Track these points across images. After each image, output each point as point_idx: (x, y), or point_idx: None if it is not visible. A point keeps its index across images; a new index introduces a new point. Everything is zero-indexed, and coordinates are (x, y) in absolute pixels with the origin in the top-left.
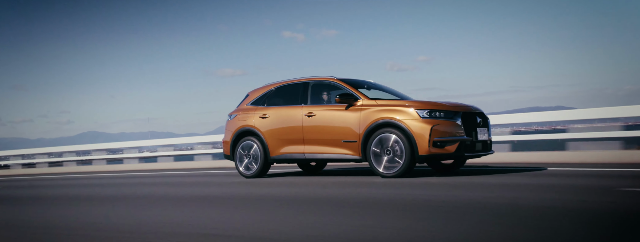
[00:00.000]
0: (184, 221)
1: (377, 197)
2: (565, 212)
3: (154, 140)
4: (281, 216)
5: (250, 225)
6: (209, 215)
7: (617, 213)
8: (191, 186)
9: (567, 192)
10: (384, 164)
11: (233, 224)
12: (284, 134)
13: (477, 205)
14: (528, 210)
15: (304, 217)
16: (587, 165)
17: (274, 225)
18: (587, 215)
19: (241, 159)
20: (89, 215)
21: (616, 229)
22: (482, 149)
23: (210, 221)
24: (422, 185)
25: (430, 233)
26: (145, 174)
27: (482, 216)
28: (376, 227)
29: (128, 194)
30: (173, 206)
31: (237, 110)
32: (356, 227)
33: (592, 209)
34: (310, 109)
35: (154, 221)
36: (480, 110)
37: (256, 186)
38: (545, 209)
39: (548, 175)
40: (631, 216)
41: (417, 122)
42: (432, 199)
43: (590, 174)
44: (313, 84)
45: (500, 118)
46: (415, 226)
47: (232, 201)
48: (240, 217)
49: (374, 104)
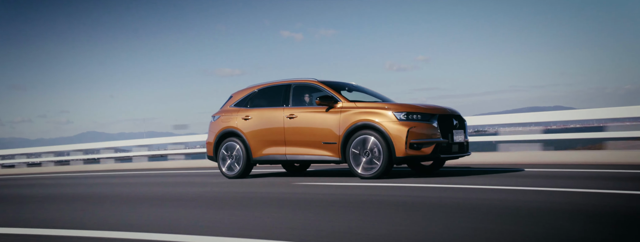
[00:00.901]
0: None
1: (356, 197)
2: (541, 210)
3: (162, 138)
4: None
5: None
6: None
7: (594, 212)
8: (186, 185)
9: (546, 191)
10: (363, 165)
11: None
12: (266, 135)
13: (450, 204)
14: (502, 208)
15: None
16: (562, 166)
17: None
18: (562, 214)
19: (224, 160)
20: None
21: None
22: (459, 151)
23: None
24: (401, 185)
25: (409, 229)
26: (154, 172)
27: (452, 214)
28: (358, 224)
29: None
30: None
31: (220, 112)
32: (336, 223)
33: (559, 209)
34: (292, 111)
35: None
36: (457, 113)
37: (238, 185)
38: (517, 208)
39: (524, 176)
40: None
41: (395, 124)
42: (409, 199)
43: (566, 175)
44: (295, 86)
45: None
46: (395, 222)
47: (215, 200)
48: (226, 216)
49: (353, 106)
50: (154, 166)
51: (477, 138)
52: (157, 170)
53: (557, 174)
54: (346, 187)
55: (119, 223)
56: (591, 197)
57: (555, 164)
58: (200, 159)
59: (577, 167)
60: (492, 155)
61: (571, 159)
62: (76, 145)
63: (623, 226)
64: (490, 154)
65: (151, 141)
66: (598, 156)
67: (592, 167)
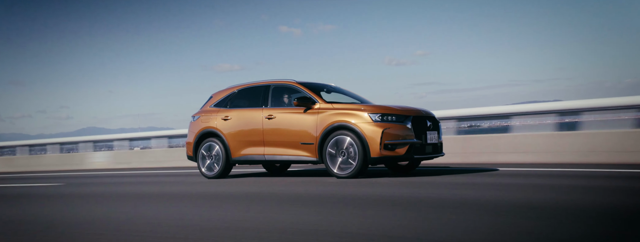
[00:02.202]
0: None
1: (335, 195)
2: (513, 207)
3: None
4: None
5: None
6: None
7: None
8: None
9: (518, 190)
10: (339, 165)
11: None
12: (245, 135)
13: (423, 200)
14: (474, 204)
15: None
16: (536, 166)
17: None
18: (534, 211)
19: (203, 160)
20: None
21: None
22: (433, 152)
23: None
24: (377, 184)
25: (382, 223)
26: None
27: (424, 210)
28: (337, 219)
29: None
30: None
31: (200, 112)
32: (313, 220)
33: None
34: (271, 112)
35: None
36: (431, 114)
37: (218, 184)
38: (488, 204)
39: (499, 175)
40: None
41: (370, 125)
42: (384, 196)
43: (541, 174)
44: (274, 87)
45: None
46: (372, 218)
47: (197, 199)
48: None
49: (330, 107)
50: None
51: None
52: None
53: (530, 172)
54: (320, 185)
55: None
56: (566, 194)
57: (525, 163)
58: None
59: (545, 166)
60: (465, 156)
61: (529, 160)
62: (119, 134)
63: (586, 220)
64: (463, 155)
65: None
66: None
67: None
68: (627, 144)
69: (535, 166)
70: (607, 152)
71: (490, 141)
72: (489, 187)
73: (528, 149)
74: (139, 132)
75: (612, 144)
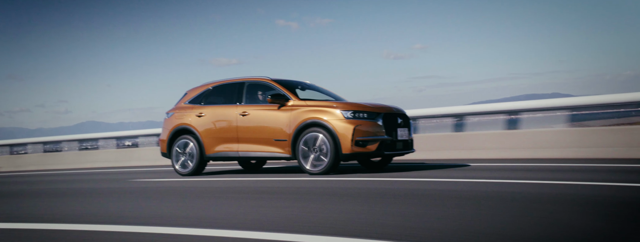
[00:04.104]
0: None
1: (309, 189)
2: (482, 198)
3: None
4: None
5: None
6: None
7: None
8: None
9: (488, 183)
10: (311, 162)
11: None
12: (219, 132)
13: (392, 192)
14: (441, 196)
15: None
16: (504, 161)
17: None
18: (505, 202)
19: (177, 157)
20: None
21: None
22: (403, 148)
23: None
24: (346, 179)
25: (359, 213)
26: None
27: (381, 200)
28: (314, 211)
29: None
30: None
31: (174, 109)
32: (289, 212)
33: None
34: (245, 109)
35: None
36: (402, 112)
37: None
38: (455, 195)
39: (470, 169)
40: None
41: (342, 122)
42: (357, 189)
43: (506, 168)
44: (248, 84)
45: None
46: (347, 210)
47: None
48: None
49: (303, 104)
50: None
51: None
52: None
53: (501, 167)
54: (293, 181)
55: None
56: (539, 187)
57: (502, 159)
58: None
59: (516, 161)
60: (437, 153)
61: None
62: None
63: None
64: (435, 153)
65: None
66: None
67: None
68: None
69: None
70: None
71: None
72: (457, 181)
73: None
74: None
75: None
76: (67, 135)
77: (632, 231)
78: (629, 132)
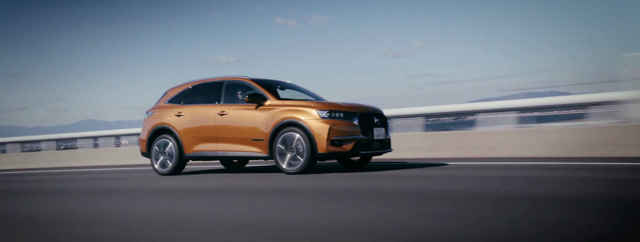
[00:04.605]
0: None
1: (283, 188)
2: (458, 198)
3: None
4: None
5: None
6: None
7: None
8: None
9: (464, 181)
10: (288, 161)
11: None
12: (197, 132)
13: (361, 192)
14: (421, 195)
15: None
16: (482, 160)
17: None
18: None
19: (157, 157)
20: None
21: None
22: (380, 148)
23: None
24: (327, 178)
25: (338, 212)
26: None
27: (367, 200)
28: (290, 210)
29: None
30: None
31: (154, 108)
32: (267, 210)
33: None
34: (223, 108)
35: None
36: (379, 111)
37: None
38: (434, 194)
39: (449, 168)
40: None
41: (317, 122)
42: (332, 189)
43: (485, 167)
44: (227, 84)
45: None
46: (316, 211)
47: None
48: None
49: (281, 104)
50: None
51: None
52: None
53: (480, 166)
54: (273, 180)
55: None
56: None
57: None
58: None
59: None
60: (416, 152)
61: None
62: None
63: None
64: (414, 152)
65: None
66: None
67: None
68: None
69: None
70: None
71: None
72: (434, 179)
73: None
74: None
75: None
76: (46, 135)
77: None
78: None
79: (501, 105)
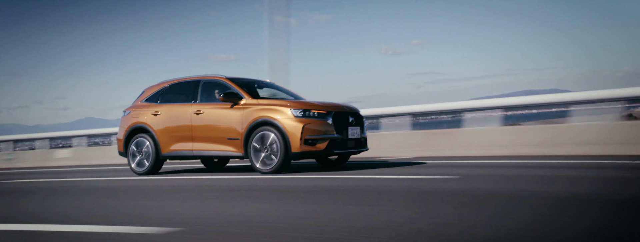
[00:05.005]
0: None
1: (256, 187)
2: (430, 194)
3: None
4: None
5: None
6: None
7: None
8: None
9: (442, 179)
10: (262, 160)
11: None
12: (174, 131)
13: (339, 189)
14: (394, 192)
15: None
16: (454, 158)
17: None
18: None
19: (134, 156)
20: None
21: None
22: (356, 146)
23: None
24: (301, 177)
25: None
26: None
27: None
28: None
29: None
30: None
31: (131, 107)
32: (246, 209)
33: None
34: (199, 107)
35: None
36: (354, 110)
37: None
38: (413, 191)
39: (427, 166)
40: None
41: (291, 121)
42: (317, 187)
43: (456, 165)
44: (204, 83)
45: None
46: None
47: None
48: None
49: (256, 103)
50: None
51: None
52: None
53: (454, 165)
54: (245, 180)
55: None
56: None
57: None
58: None
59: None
60: (396, 151)
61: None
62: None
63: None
64: (391, 151)
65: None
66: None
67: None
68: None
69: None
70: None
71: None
72: (409, 178)
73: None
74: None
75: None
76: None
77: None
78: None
79: (488, 104)
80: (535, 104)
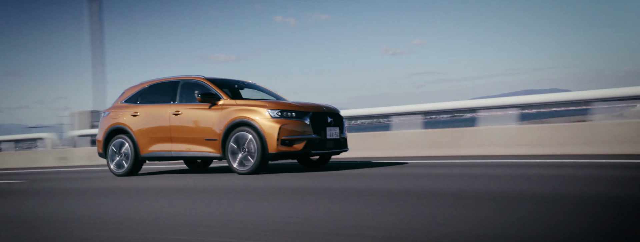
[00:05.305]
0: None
1: (231, 187)
2: (408, 194)
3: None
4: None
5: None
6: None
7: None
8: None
9: (423, 179)
10: (239, 161)
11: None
12: (153, 132)
13: (327, 190)
14: (376, 192)
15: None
16: (443, 158)
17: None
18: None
19: (113, 157)
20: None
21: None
22: (334, 147)
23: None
24: (279, 178)
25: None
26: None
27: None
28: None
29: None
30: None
31: (111, 108)
32: (223, 210)
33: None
34: (178, 108)
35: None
36: (334, 111)
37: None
38: (392, 191)
39: (411, 166)
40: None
41: (268, 121)
42: (294, 188)
43: (441, 165)
44: (183, 83)
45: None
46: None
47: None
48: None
49: (234, 103)
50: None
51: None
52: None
53: (438, 164)
54: (224, 180)
55: None
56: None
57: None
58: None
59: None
60: (379, 151)
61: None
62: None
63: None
64: (373, 151)
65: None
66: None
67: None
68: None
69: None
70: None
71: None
72: (393, 177)
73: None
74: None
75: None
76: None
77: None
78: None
79: (489, 104)
80: (534, 104)
